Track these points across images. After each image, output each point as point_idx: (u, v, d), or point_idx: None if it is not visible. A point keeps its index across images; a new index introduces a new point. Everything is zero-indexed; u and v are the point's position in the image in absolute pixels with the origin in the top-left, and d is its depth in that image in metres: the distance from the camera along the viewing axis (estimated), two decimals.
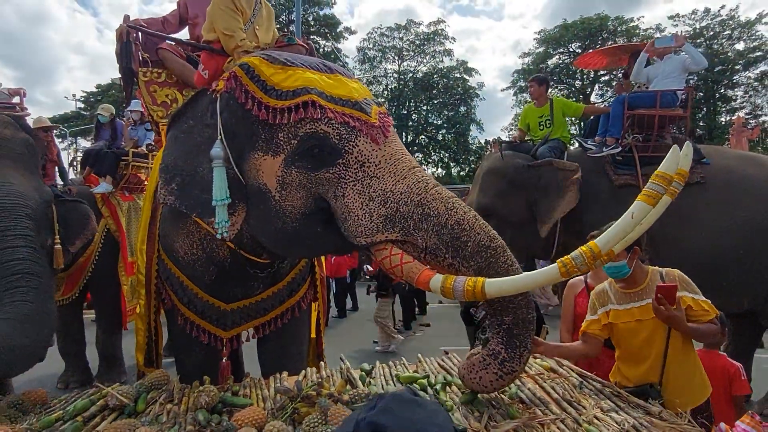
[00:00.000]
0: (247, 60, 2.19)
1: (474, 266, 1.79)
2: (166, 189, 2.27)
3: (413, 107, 33.34)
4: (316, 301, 3.24)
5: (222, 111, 2.19)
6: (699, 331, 2.32)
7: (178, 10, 3.25)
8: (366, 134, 2.00)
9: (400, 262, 1.85)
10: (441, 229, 1.82)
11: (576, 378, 2.26)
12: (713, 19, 28.35)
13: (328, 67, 2.22)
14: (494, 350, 1.89)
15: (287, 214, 2.06)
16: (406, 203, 1.88)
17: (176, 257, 2.69)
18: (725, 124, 26.83)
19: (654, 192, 1.72)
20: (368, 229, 1.90)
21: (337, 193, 1.98)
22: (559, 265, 1.70)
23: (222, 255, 2.54)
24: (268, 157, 2.08)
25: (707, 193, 4.39)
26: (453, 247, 1.81)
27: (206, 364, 2.79)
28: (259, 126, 2.09)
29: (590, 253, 1.68)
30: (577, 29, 29.41)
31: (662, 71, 5.18)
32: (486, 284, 1.69)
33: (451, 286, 1.73)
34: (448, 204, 1.87)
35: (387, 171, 1.96)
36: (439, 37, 32.99)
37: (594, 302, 2.58)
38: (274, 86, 2.07)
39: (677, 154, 1.78)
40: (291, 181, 2.03)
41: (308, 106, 2.00)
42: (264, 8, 2.84)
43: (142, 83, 2.86)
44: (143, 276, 2.89)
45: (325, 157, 1.99)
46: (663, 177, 1.73)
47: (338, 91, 2.09)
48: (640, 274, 2.44)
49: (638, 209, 1.72)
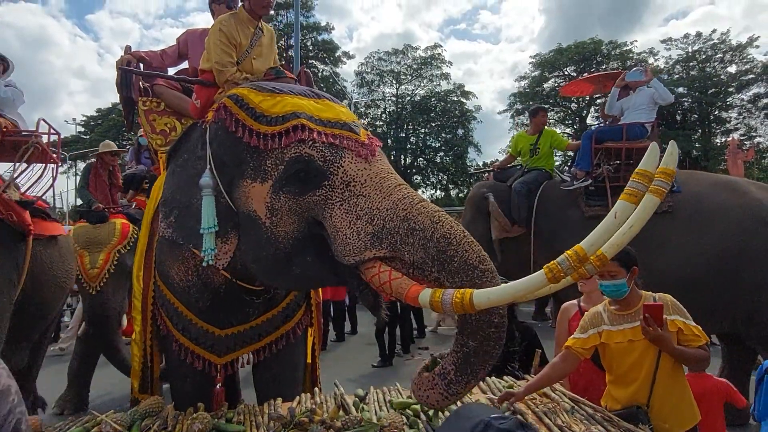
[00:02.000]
0: (235, 91, 2.26)
1: (458, 282, 1.76)
2: (166, 222, 2.32)
3: (411, 130, 33.63)
4: (312, 327, 3.24)
5: (211, 141, 2.25)
6: (687, 355, 2.33)
7: (178, 45, 3.34)
8: (355, 152, 2.04)
9: (389, 279, 1.84)
10: (427, 243, 1.81)
11: (568, 403, 2.27)
12: (705, 43, 28.85)
13: (316, 94, 2.29)
14: (445, 370, 1.88)
15: (279, 240, 2.08)
16: (392, 219, 1.88)
17: (172, 284, 2.71)
18: (720, 145, 27.07)
19: (634, 190, 1.72)
20: (356, 247, 1.91)
21: (324, 215, 2.01)
22: (545, 270, 1.68)
23: (217, 281, 2.56)
24: (256, 184, 2.12)
25: (676, 222, 4.50)
26: (439, 261, 1.79)
27: (201, 391, 2.79)
28: (248, 154, 2.14)
29: (575, 256, 1.66)
30: (571, 53, 29.87)
31: (633, 103, 5.30)
32: (474, 295, 1.67)
33: (439, 300, 1.71)
34: (434, 218, 1.86)
35: (373, 189, 1.98)
36: (436, 61, 33.47)
37: (585, 322, 2.58)
38: (264, 113, 2.12)
39: (656, 152, 1.79)
40: (280, 207, 2.07)
41: (298, 130, 2.05)
42: (265, 35, 2.88)
43: (142, 112, 2.92)
44: (139, 302, 2.91)
45: (311, 180, 2.02)
46: (643, 174, 1.74)
47: (327, 114, 2.15)
48: (634, 297, 2.46)
49: (620, 208, 1.72)
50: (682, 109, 29.09)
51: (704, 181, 4.84)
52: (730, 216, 4.35)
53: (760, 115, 28.04)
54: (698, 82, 28.43)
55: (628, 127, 5.05)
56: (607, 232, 1.72)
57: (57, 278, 3.56)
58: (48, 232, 3.47)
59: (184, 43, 3.32)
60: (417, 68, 33.74)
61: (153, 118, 2.96)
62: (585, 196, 4.98)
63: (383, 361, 7.75)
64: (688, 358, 2.36)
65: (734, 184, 4.71)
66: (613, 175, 4.96)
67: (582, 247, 1.68)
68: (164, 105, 3.01)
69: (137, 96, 2.98)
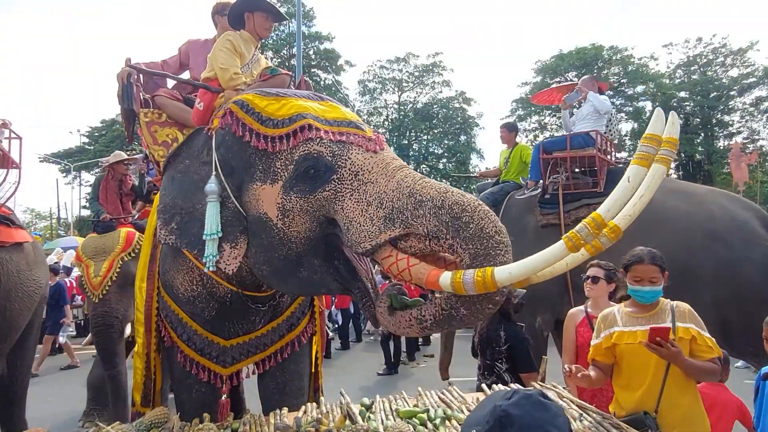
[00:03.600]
0: (241, 97, 2.28)
1: (471, 250, 1.75)
2: (166, 229, 2.31)
3: (414, 137, 33.70)
4: (316, 335, 3.23)
5: (218, 147, 2.26)
6: (698, 368, 2.27)
7: (179, 55, 3.37)
8: (362, 146, 2.08)
9: (408, 266, 1.84)
10: (438, 211, 1.81)
11: (576, 410, 2.25)
12: (706, 47, 28.88)
13: (319, 97, 2.32)
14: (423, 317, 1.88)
15: (291, 240, 2.10)
16: (399, 198, 1.90)
17: (176, 294, 2.71)
18: (723, 149, 27.05)
19: (646, 153, 1.73)
20: (371, 232, 1.91)
21: (336, 208, 2.02)
22: (565, 240, 1.70)
23: (223, 290, 2.56)
24: (266, 186, 2.14)
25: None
26: (453, 228, 1.78)
27: (206, 402, 2.77)
28: (256, 157, 2.16)
29: (593, 223, 1.69)
30: (572, 59, 29.92)
31: (580, 114, 5.59)
32: (496, 272, 1.67)
33: (461, 280, 1.70)
34: (440, 188, 1.89)
35: (379, 174, 2.00)
36: (438, 69, 33.57)
37: (600, 325, 2.54)
38: (270, 116, 2.15)
39: (661, 117, 1.79)
40: (292, 207, 2.08)
41: (305, 130, 2.08)
42: (261, 59, 2.98)
43: (144, 123, 2.92)
44: (142, 313, 2.90)
45: (320, 176, 2.05)
46: (652, 138, 1.75)
47: (332, 114, 2.19)
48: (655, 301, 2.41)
49: (633, 173, 1.73)
50: (684, 112, 29.06)
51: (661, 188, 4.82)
52: (678, 224, 4.34)
53: (763, 119, 28.03)
54: (700, 85, 28.43)
55: (572, 137, 5.25)
56: (622, 197, 1.74)
57: (23, 286, 3.47)
58: (12, 239, 3.40)
59: (185, 52, 3.34)
60: (419, 76, 33.85)
61: (155, 129, 2.96)
62: (539, 204, 5.14)
63: (388, 369, 7.72)
64: (697, 371, 2.29)
65: (689, 190, 4.71)
66: (565, 183, 5.09)
67: (599, 213, 1.71)
68: (166, 116, 3.01)
69: (138, 108, 2.98)
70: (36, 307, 3.71)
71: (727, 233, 4.05)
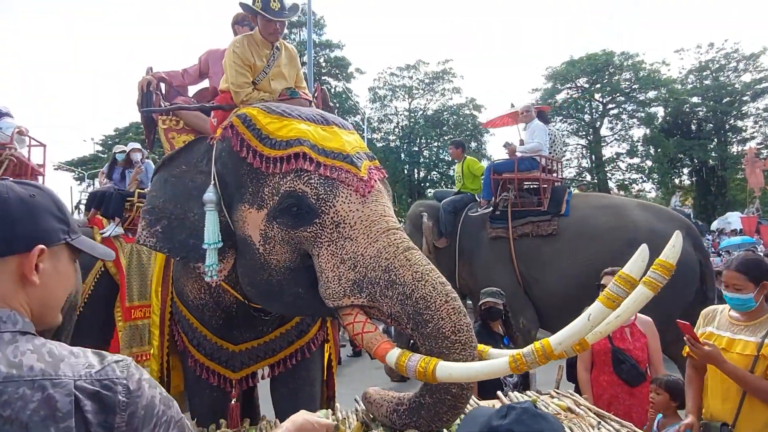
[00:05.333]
0: (245, 110, 2.28)
1: (427, 346, 1.77)
2: (149, 231, 2.31)
3: (424, 144, 33.69)
4: (328, 342, 3.23)
5: (216, 159, 2.28)
6: (749, 381, 2.14)
7: (199, 65, 3.38)
8: (351, 187, 2.04)
9: (362, 331, 1.87)
10: (405, 300, 1.80)
11: (594, 418, 2.22)
12: (718, 52, 28.65)
13: (325, 119, 2.28)
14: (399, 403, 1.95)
15: (272, 267, 2.11)
16: (374, 268, 1.88)
17: (186, 300, 2.73)
18: (737, 154, 26.76)
19: (614, 295, 1.66)
20: (336, 292, 1.93)
21: (313, 252, 2.03)
22: (509, 360, 1.70)
23: (228, 300, 2.57)
24: (253, 210, 2.15)
25: (559, 243, 5.19)
26: (414, 321, 1.79)
27: (217, 406, 2.78)
28: (248, 178, 2.17)
29: (542, 352, 1.68)
30: (583, 65, 29.80)
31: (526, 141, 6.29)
32: (437, 368, 1.68)
33: (404, 364, 1.74)
34: (416, 274, 1.84)
35: (361, 233, 1.97)
36: (448, 76, 33.61)
37: (700, 321, 2.48)
38: (269, 135, 2.14)
39: (644, 255, 1.71)
40: (273, 236, 2.09)
41: (299, 158, 2.06)
42: (284, 54, 2.80)
43: (162, 130, 2.96)
44: (157, 317, 2.93)
45: (303, 216, 2.04)
46: (625, 280, 1.67)
47: (330, 144, 2.14)
48: (760, 311, 2.29)
49: (595, 311, 1.68)
50: (697, 118, 28.85)
51: (595, 204, 5.50)
52: (605, 237, 4.88)
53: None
54: (712, 91, 28.19)
55: (519, 160, 5.92)
56: (578, 333, 1.70)
57: None
58: None
59: (205, 62, 3.37)
60: (429, 83, 33.91)
61: (172, 136, 3.00)
62: (490, 220, 5.84)
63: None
64: (750, 384, 2.16)
65: (621, 207, 5.24)
66: (514, 201, 5.76)
67: (550, 342, 1.69)
68: (183, 123, 3.05)
69: (157, 115, 3.02)
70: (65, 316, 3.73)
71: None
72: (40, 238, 0.94)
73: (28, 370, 0.81)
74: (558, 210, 5.44)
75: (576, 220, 5.27)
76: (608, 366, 3.12)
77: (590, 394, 3.00)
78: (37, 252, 0.92)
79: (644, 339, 3.15)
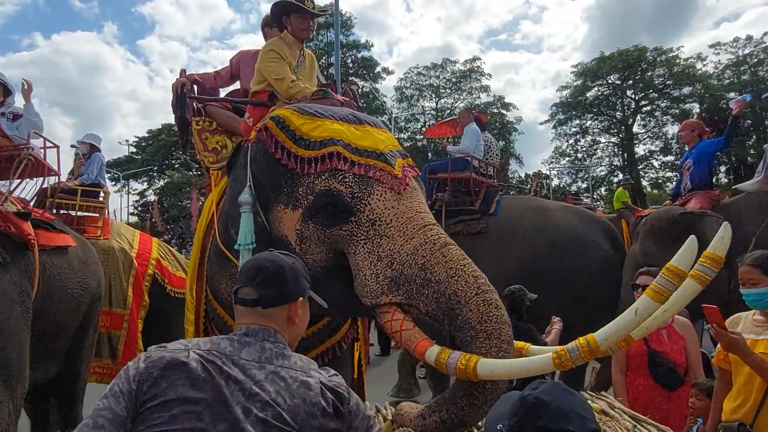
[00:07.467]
0: (278, 112, 2.31)
1: (461, 338, 1.77)
2: (226, 235, 2.44)
3: None
4: (358, 341, 3.24)
5: (252, 161, 2.31)
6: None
7: (230, 67, 3.45)
8: (386, 185, 2.05)
9: (400, 329, 1.85)
10: (440, 297, 1.81)
11: (629, 421, 2.17)
12: (756, 46, 27.71)
13: (357, 118, 2.30)
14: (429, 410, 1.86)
15: (310, 267, 2.08)
16: (411, 266, 1.88)
17: (221, 298, 2.77)
18: None
19: (662, 288, 1.62)
20: (373, 290, 1.93)
21: (349, 250, 2.03)
22: (553, 356, 1.67)
23: None
24: (288, 210, 2.17)
25: (487, 242, 5.14)
26: (449, 317, 1.80)
27: None
28: (282, 179, 2.19)
29: (587, 347, 1.64)
30: (615, 61, 29.22)
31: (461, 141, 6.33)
32: (479, 365, 1.65)
33: (444, 362, 1.71)
34: (451, 270, 1.84)
35: (397, 230, 1.97)
36: (476, 74, 33.39)
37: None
38: (303, 136, 2.16)
39: (693, 247, 1.65)
40: (309, 236, 2.10)
41: (333, 158, 2.08)
42: (307, 59, 2.97)
43: (195, 131, 3.02)
44: (192, 314, 2.98)
45: (338, 215, 2.04)
46: (674, 272, 1.62)
47: (364, 142, 2.16)
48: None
49: (642, 305, 1.64)
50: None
51: (524, 206, 5.57)
52: (529, 238, 4.90)
53: None
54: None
55: (453, 161, 5.91)
56: (625, 328, 1.67)
57: (66, 288, 3.50)
58: (52, 242, 3.46)
59: (236, 64, 3.43)
60: (456, 82, 33.75)
61: (205, 136, 3.05)
62: None
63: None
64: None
65: (547, 209, 5.27)
66: (448, 201, 5.68)
67: (595, 338, 1.65)
68: (216, 124, 3.10)
69: (191, 116, 3.09)
70: (87, 309, 3.81)
71: (568, 243, 4.69)
72: (300, 293, 1.41)
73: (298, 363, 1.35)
74: (488, 209, 5.50)
75: (504, 219, 5.32)
76: (644, 369, 3.03)
77: (625, 397, 2.93)
78: (299, 303, 1.41)
79: (682, 342, 3.05)
